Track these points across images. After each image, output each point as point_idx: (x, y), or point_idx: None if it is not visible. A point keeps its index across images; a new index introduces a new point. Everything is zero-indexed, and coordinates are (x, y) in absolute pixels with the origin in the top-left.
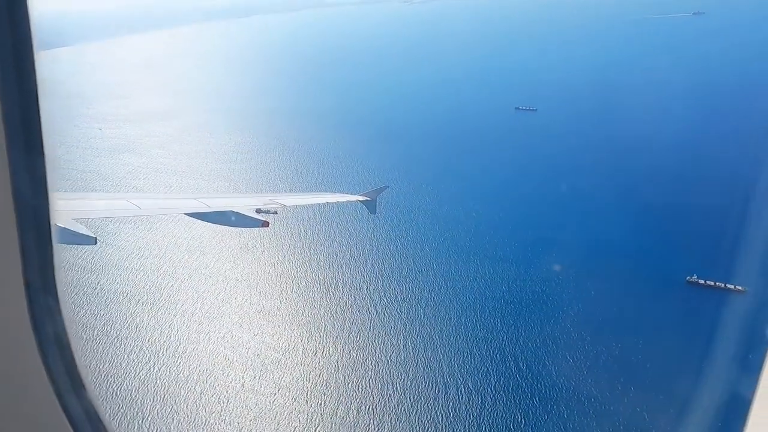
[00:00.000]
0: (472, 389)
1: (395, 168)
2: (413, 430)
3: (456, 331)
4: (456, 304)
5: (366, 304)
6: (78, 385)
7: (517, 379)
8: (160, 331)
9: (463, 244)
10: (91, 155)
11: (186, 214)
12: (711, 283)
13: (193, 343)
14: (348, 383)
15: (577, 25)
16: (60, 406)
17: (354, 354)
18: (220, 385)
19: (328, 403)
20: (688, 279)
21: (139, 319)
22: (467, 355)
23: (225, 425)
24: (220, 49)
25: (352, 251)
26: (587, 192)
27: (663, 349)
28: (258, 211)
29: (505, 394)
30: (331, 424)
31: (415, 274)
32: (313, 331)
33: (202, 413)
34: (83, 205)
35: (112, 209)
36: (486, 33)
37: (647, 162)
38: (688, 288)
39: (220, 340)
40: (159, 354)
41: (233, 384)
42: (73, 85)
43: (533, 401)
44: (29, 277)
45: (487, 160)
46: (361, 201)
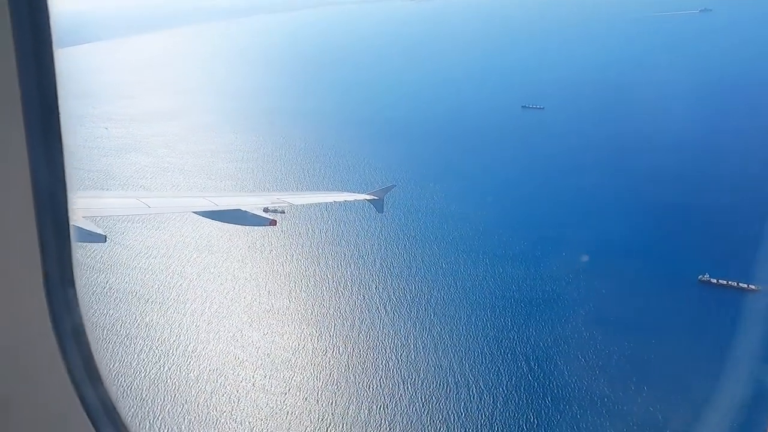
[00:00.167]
0: (484, 389)
1: (402, 167)
2: (425, 431)
3: (466, 330)
4: (466, 302)
5: (375, 303)
6: (95, 376)
7: (529, 378)
8: (169, 330)
9: (473, 243)
10: (97, 155)
11: (194, 213)
12: (723, 282)
13: (203, 343)
14: (359, 383)
15: (583, 23)
16: (77, 397)
17: (364, 353)
18: (231, 384)
19: (339, 402)
20: (700, 278)
21: (148, 318)
22: (478, 355)
23: (236, 425)
24: (225, 48)
25: (360, 250)
26: (596, 190)
27: (676, 347)
28: (266, 210)
29: (516, 393)
30: (343, 424)
31: (424, 272)
32: (322, 330)
33: (213, 413)
34: (93, 203)
35: (122, 207)
36: (491, 31)
37: (656, 160)
38: (700, 287)
39: (230, 340)
40: (169, 353)
41: (244, 383)
42: (79, 85)
43: (545, 401)
44: (48, 270)
45: (495, 158)
46: (368, 200)
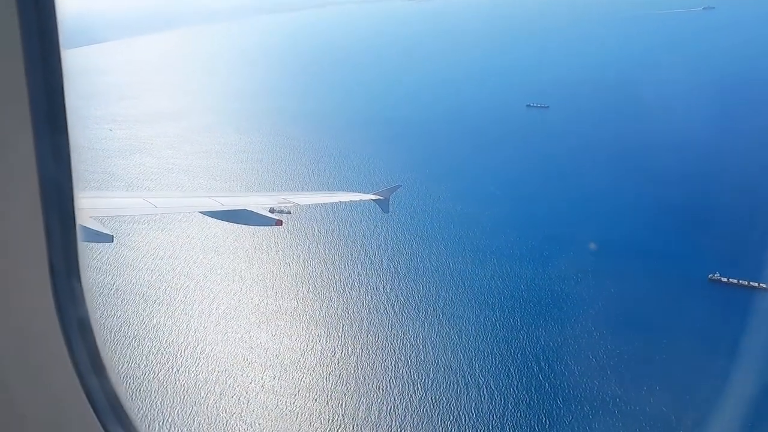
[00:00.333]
0: (494, 389)
1: (408, 166)
2: None
3: (476, 330)
4: (474, 302)
5: (383, 303)
6: (101, 370)
7: (540, 379)
8: (177, 331)
9: (479, 242)
10: (102, 156)
11: (201, 213)
12: (734, 280)
13: (211, 344)
14: (368, 384)
15: (587, 22)
16: (83, 390)
17: (373, 354)
18: (240, 386)
19: (349, 403)
20: (710, 277)
21: (156, 319)
22: (488, 355)
23: (247, 427)
24: (228, 49)
25: (366, 250)
26: (602, 189)
27: (687, 346)
28: (272, 210)
29: (527, 394)
30: (353, 426)
31: (431, 272)
32: (330, 331)
33: (222, 414)
34: (100, 204)
35: (129, 207)
36: (492, 30)
37: (662, 159)
38: (710, 286)
39: (238, 341)
40: (177, 355)
41: (253, 385)
42: (83, 86)
43: (557, 401)
44: (54, 264)
45: (500, 157)
46: (374, 200)
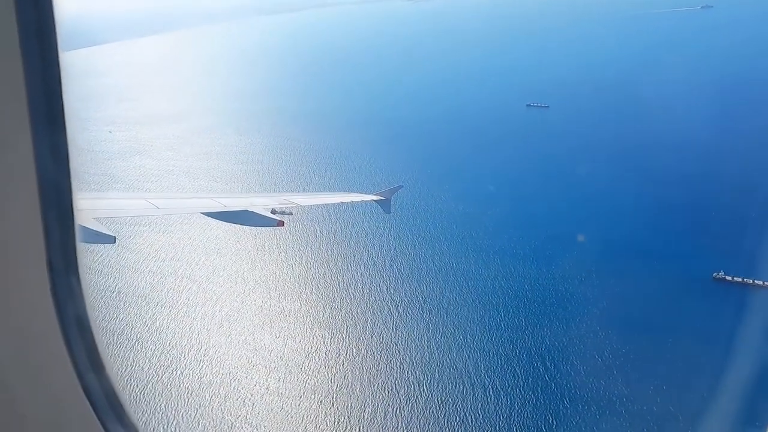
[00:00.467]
0: (500, 389)
1: (408, 167)
2: None
3: (480, 331)
4: (478, 302)
5: (387, 303)
6: (99, 366)
7: (546, 379)
8: (180, 334)
9: (482, 242)
10: (101, 158)
11: (203, 214)
12: (738, 279)
13: (215, 346)
14: (374, 385)
15: (585, 21)
16: (82, 389)
17: (378, 355)
18: (245, 388)
19: (354, 405)
20: (714, 275)
21: (159, 322)
22: (493, 355)
23: (252, 429)
24: (227, 50)
25: (369, 251)
26: (603, 188)
27: (693, 345)
28: (273, 211)
29: (534, 394)
30: (360, 428)
31: (435, 273)
32: (335, 332)
33: (228, 417)
34: (102, 204)
35: (131, 208)
36: (491, 30)
37: (663, 158)
38: (715, 284)
39: (242, 343)
40: (181, 357)
41: (258, 387)
42: (82, 88)
43: (563, 402)
44: (53, 262)
45: (501, 157)
46: (375, 200)
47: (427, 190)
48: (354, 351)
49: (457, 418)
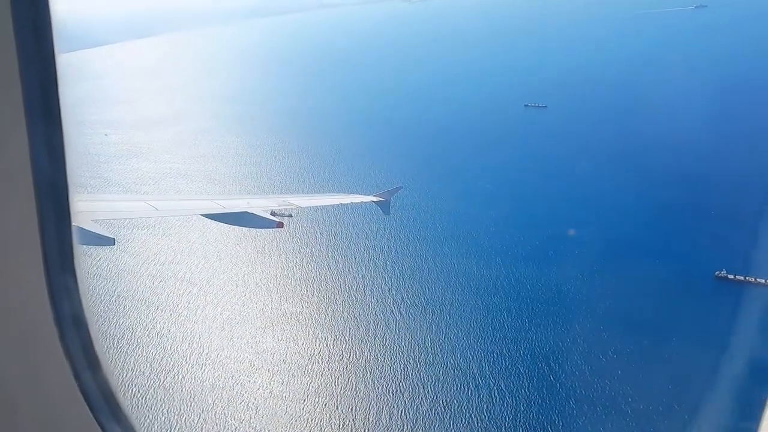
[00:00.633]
0: (505, 390)
1: (407, 167)
2: None
3: (483, 331)
4: (481, 303)
5: (389, 305)
6: (95, 364)
7: (551, 379)
8: (182, 337)
9: (482, 243)
10: (98, 161)
11: (202, 215)
12: (741, 277)
13: (217, 350)
14: (378, 387)
15: (580, 21)
16: (78, 387)
17: (382, 357)
18: (248, 392)
19: (359, 408)
20: (716, 274)
21: (159, 326)
22: (497, 356)
23: None
24: (224, 52)
25: (370, 252)
26: (604, 188)
27: (697, 344)
28: (273, 213)
29: (539, 395)
30: (364, 430)
31: (436, 274)
32: (337, 334)
33: (232, 421)
34: (101, 207)
35: (131, 211)
36: (488, 31)
37: (663, 157)
38: (717, 283)
39: (244, 346)
40: (183, 361)
41: (261, 391)
42: (78, 90)
43: (569, 402)
44: (49, 261)
45: (499, 157)
46: (375, 202)
47: (425, 191)
48: (357, 353)
49: (463, 420)
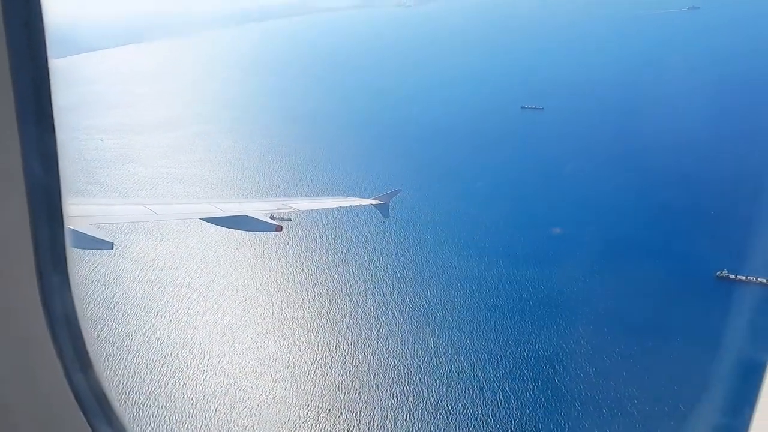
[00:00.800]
0: (510, 393)
1: (404, 170)
2: None
3: (487, 334)
4: (484, 305)
5: (391, 308)
6: (87, 367)
7: (555, 381)
8: (182, 344)
9: (482, 245)
10: (93, 167)
11: (201, 219)
12: (742, 277)
13: (218, 356)
14: (382, 391)
15: (576, 24)
16: (70, 388)
17: (385, 361)
18: (251, 398)
19: (363, 412)
20: (718, 274)
21: (159, 332)
22: (501, 358)
23: None
24: (221, 57)
25: (371, 255)
26: (602, 190)
27: (700, 344)
28: (272, 217)
29: (544, 397)
30: None
31: (437, 276)
32: (339, 338)
33: (235, 428)
34: (100, 211)
35: (129, 214)
36: (484, 34)
37: (660, 158)
38: (719, 283)
39: (245, 352)
40: (184, 368)
41: (264, 396)
42: (73, 96)
43: (575, 405)
44: (42, 264)
45: (497, 160)
46: (374, 205)
47: (424, 194)
48: (360, 357)
49: (468, 424)
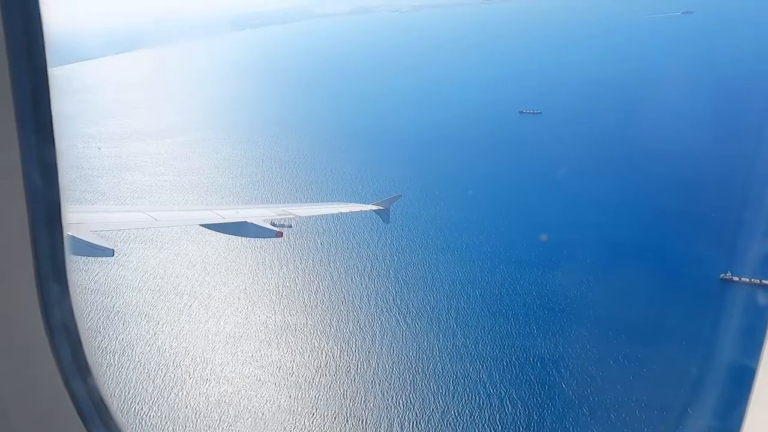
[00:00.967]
0: (517, 399)
1: (403, 176)
2: None
3: (492, 339)
4: (488, 311)
5: (395, 315)
6: (87, 375)
7: (562, 387)
8: (184, 353)
9: (483, 249)
10: (91, 175)
11: (201, 226)
12: (746, 279)
13: (221, 364)
14: (387, 399)
15: (572, 28)
16: (68, 395)
17: (390, 368)
18: (255, 407)
19: (369, 420)
20: (721, 276)
21: (160, 341)
22: (507, 364)
23: None
24: (216, 64)
25: (372, 261)
26: (602, 194)
27: (707, 347)
28: (273, 223)
29: (551, 403)
30: None
31: (440, 281)
32: (343, 345)
33: None
34: (100, 218)
35: (130, 221)
36: (481, 39)
37: (660, 162)
38: (722, 285)
39: (249, 360)
40: (186, 377)
41: (269, 405)
42: (70, 104)
43: (582, 409)
44: (40, 268)
45: (496, 164)
46: (374, 210)
47: (423, 200)
48: (365, 365)
49: (476, 430)
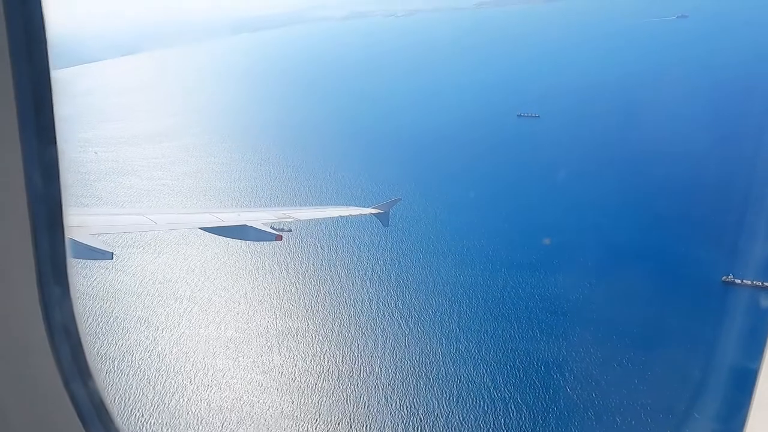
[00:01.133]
0: (521, 402)
1: (403, 179)
2: None
3: (494, 343)
4: (490, 314)
5: (397, 319)
6: (86, 377)
7: (567, 390)
8: (185, 358)
9: (484, 252)
10: (89, 179)
11: (201, 229)
12: (748, 281)
13: (223, 370)
14: (391, 404)
15: (570, 33)
16: (68, 397)
17: (393, 373)
18: (257, 413)
19: (373, 426)
20: (723, 279)
21: (160, 346)
22: (511, 368)
23: None
24: (215, 67)
25: (372, 265)
26: (602, 197)
27: (710, 349)
28: (272, 227)
29: (556, 406)
30: None
31: (441, 285)
32: (345, 350)
33: None
34: (99, 221)
35: (129, 224)
36: (479, 42)
37: (659, 165)
38: (724, 287)
39: (250, 365)
40: (187, 383)
41: (271, 411)
42: (68, 108)
43: (587, 413)
44: (41, 270)
45: (495, 167)
46: (373, 214)
47: (423, 203)
48: (368, 369)
49: None
